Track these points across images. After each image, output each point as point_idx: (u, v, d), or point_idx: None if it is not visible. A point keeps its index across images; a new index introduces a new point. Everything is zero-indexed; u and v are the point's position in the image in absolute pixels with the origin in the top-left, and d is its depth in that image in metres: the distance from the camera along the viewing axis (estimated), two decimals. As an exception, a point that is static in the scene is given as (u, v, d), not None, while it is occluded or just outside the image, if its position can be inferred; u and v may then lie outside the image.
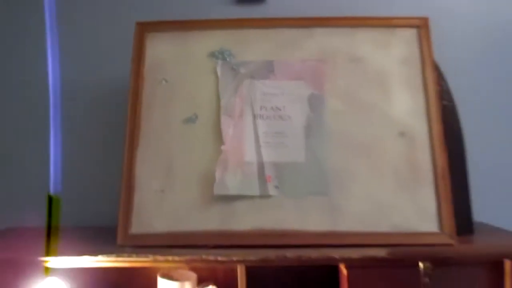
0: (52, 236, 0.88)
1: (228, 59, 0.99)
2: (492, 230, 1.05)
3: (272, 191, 0.91)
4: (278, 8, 1.17)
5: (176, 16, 1.07)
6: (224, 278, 1.04)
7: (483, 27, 1.16)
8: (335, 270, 0.95)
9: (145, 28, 1.02)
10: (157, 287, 1.01)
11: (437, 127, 0.94)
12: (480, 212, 1.08)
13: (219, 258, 0.87)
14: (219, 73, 0.98)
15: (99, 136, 1.17)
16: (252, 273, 0.94)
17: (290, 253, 0.86)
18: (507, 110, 1.18)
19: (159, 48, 1.01)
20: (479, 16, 1.16)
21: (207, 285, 0.99)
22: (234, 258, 0.88)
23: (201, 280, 1.01)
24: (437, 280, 0.90)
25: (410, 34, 0.99)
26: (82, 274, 0.98)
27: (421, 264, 0.89)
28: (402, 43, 0.99)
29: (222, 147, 0.93)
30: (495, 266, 0.92)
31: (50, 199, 0.90)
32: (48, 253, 0.88)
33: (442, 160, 0.92)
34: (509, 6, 1.16)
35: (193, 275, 1.05)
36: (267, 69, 0.98)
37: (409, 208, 0.90)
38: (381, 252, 0.86)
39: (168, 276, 1.03)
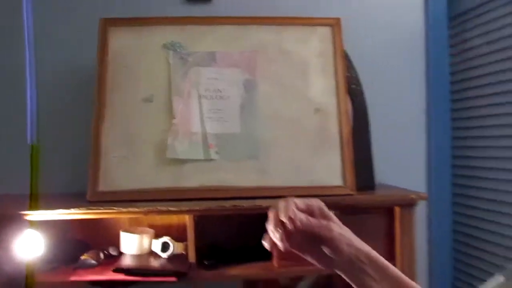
0: (33, 191, 1.06)
1: (178, 50, 1.20)
2: (389, 187, 1.32)
3: (214, 155, 1.14)
4: (221, 8, 1.37)
5: (135, 14, 1.27)
6: (177, 232, 1.25)
7: (386, 26, 1.43)
8: (267, 218, 1.18)
9: (108, 23, 1.21)
10: (120, 241, 1.21)
11: (344, 105, 1.19)
12: (384, 174, 1.36)
13: (171, 209, 1.09)
14: (171, 62, 1.19)
15: (70, 113, 1.34)
16: (200, 225, 1.16)
17: (228, 204, 1.09)
18: (405, 92, 1.45)
19: (120, 40, 1.20)
20: (383, 17, 1.43)
21: (162, 237, 1.20)
22: (183, 209, 1.10)
23: (157, 235, 1.22)
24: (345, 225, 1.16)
25: (325, 32, 1.24)
26: (55, 228, 1.17)
27: (333, 212, 1.14)
28: (319, 39, 1.24)
29: (174, 121, 1.14)
30: (389, 212, 1.19)
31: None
32: (30, 207, 1.06)
33: (346, 131, 1.17)
34: (407, 8, 1.45)
35: (151, 230, 1.26)
36: (210, 59, 1.21)
37: (320, 168, 1.15)
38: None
39: (130, 231, 1.23)
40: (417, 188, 1.30)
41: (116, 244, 1.21)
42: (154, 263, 1.14)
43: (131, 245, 1.18)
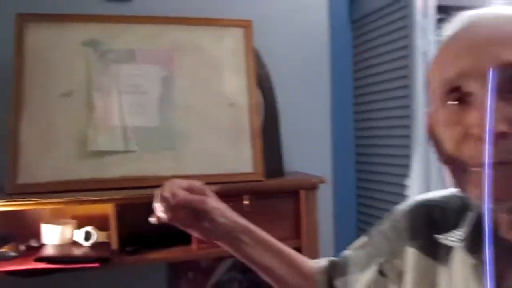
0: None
1: (98, 48, 1.25)
2: (297, 173, 1.46)
3: (133, 147, 1.21)
4: (140, 7, 1.42)
5: (54, 10, 1.29)
6: (99, 222, 1.30)
7: (294, 27, 1.56)
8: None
9: (25, 19, 1.23)
10: (42, 233, 1.24)
11: (255, 100, 1.31)
12: (294, 162, 1.50)
13: (92, 198, 1.15)
14: (91, 58, 1.24)
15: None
16: (122, 213, 1.23)
17: (148, 192, 1.16)
18: (312, 87, 1.60)
19: (38, 36, 1.23)
20: (292, 20, 1.57)
21: (85, 227, 1.25)
22: (105, 198, 1.16)
23: (80, 226, 1.27)
24: (256, 209, 1.28)
25: (238, 32, 1.35)
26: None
27: (244, 198, 1.26)
28: (232, 39, 1.34)
29: (94, 115, 1.20)
30: (295, 195, 1.33)
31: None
32: None
33: (257, 124, 1.30)
34: (312, 10, 1.59)
35: (73, 221, 1.30)
36: (130, 56, 1.27)
37: (233, 157, 1.27)
38: (213, 188, 1.21)
39: (51, 223, 1.27)
40: (324, 173, 1.45)
41: (38, 237, 1.24)
42: (77, 251, 1.19)
43: (53, 235, 1.22)
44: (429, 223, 0.67)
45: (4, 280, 1.11)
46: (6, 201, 1.08)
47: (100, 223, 1.27)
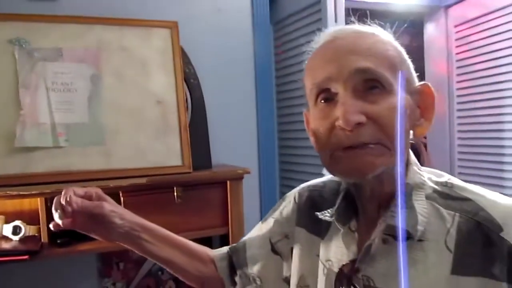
0: None
1: (24, 46, 1.28)
2: (224, 166, 1.56)
3: (63, 143, 1.25)
4: (66, 6, 1.44)
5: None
6: (29, 217, 1.32)
7: (219, 28, 1.66)
8: (117, 199, 1.33)
9: None
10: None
11: (182, 97, 1.39)
12: (222, 155, 1.60)
13: (21, 193, 1.17)
14: (17, 56, 1.26)
15: None
16: (51, 208, 1.25)
17: (77, 186, 1.21)
18: (238, 84, 1.69)
19: (-39, 34, 1.23)
20: (216, 22, 1.66)
21: (14, 221, 1.27)
22: (34, 192, 1.19)
23: (8, 222, 1.28)
24: (186, 200, 1.36)
25: (165, 32, 1.42)
26: None
27: (175, 188, 1.33)
28: (159, 38, 1.41)
29: (21, 112, 1.22)
30: (222, 185, 1.42)
31: None
32: None
33: (184, 119, 1.38)
34: (236, 12, 1.69)
35: (1, 216, 1.31)
36: (57, 54, 1.30)
37: (162, 151, 1.34)
38: (142, 180, 1.28)
39: (-21, 219, 1.27)
40: (251, 165, 1.56)
41: (-35, 233, 1.24)
42: (6, 245, 1.21)
43: (-19, 230, 1.23)
44: (311, 205, 0.81)
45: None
46: None
47: (30, 218, 1.30)
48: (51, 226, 0.80)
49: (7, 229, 1.24)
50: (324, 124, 0.64)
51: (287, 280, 0.84)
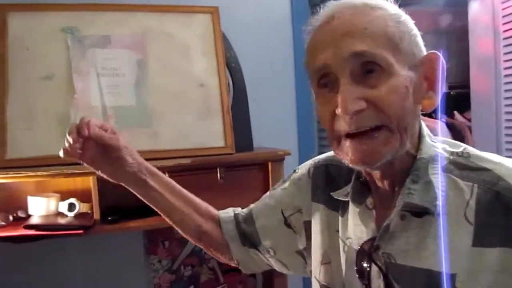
0: None
1: (75, 34, 1.35)
2: (264, 148, 1.59)
3: (113, 125, 1.30)
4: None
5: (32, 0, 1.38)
6: (82, 195, 1.40)
7: (258, 12, 1.68)
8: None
9: (6, 8, 1.32)
10: (28, 205, 1.34)
11: (224, 81, 1.43)
12: (261, 138, 1.63)
13: (76, 171, 1.25)
14: (69, 44, 1.34)
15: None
16: (103, 186, 1.33)
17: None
18: (277, 67, 1.72)
19: (19, 24, 1.32)
20: (256, 5, 1.68)
21: (68, 199, 1.35)
22: (86, 171, 1.26)
23: (63, 199, 1.37)
24: (228, 180, 1.40)
25: (206, 18, 1.46)
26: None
27: (218, 169, 1.37)
28: (201, 24, 1.45)
29: (75, 96, 1.30)
30: (263, 167, 1.46)
31: None
32: None
33: (226, 102, 1.42)
34: (271, 1, 1.71)
35: (57, 194, 1.40)
36: (105, 41, 1.37)
37: (205, 132, 1.39)
38: (187, 161, 1.33)
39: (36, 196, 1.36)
40: (291, 147, 1.58)
41: (24, 208, 1.34)
42: (62, 220, 1.29)
43: (39, 207, 1.32)
44: (329, 180, 0.80)
45: (-3, 246, 1.21)
46: (-4, 174, 1.18)
47: (82, 196, 1.38)
48: (60, 153, 0.79)
49: (63, 206, 1.32)
50: (326, 111, 0.64)
51: (300, 253, 0.85)
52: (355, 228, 0.71)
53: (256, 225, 0.89)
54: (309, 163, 0.87)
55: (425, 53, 0.65)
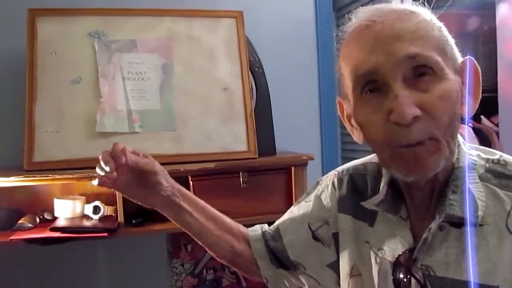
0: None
1: (102, 38, 1.37)
2: (287, 153, 1.58)
3: (137, 129, 1.33)
4: (138, -1, 1.55)
5: (62, 4, 1.39)
6: (106, 198, 1.41)
7: (282, 17, 1.68)
8: (186, 182, 1.39)
9: (35, 13, 1.34)
10: (54, 207, 1.35)
11: (247, 85, 1.43)
12: (284, 142, 1.62)
13: (101, 174, 1.26)
14: (96, 48, 1.36)
15: (0, 94, 1.44)
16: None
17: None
18: (300, 72, 1.71)
19: (48, 29, 1.34)
20: (280, 10, 1.68)
21: (94, 202, 1.36)
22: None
23: (88, 202, 1.38)
24: (251, 185, 1.39)
25: (230, 22, 1.47)
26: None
27: (241, 173, 1.37)
28: (225, 28, 1.46)
29: (101, 99, 1.32)
30: (287, 171, 1.45)
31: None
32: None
33: (250, 106, 1.41)
34: (297, 3, 1.71)
35: (82, 197, 1.42)
36: (131, 45, 1.38)
37: (228, 136, 1.38)
38: (211, 165, 1.33)
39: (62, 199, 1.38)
40: (314, 151, 1.58)
41: (50, 210, 1.35)
42: (87, 223, 1.30)
43: (65, 209, 1.33)
44: (355, 190, 0.78)
45: (23, 247, 1.23)
46: (24, 177, 1.20)
47: (107, 199, 1.39)
48: (94, 182, 0.77)
49: (88, 209, 1.34)
50: (376, 118, 0.60)
51: (331, 266, 0.82)
52: (389, 239, 0.69)
53: (284, 241, 0.86)
54: (332, 174, 0.85)
55: (461, 58, 0.64)
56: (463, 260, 0.60)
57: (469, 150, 0.67)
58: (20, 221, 1.27)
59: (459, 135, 0.66)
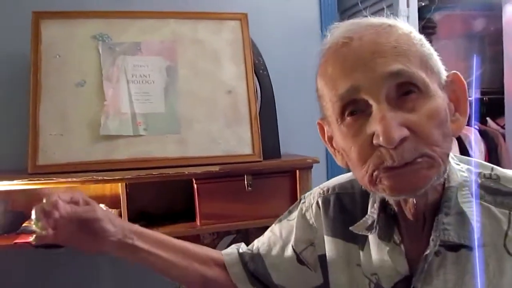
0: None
1: (106, 41, 1.36)
2: (292, 155, 1.57)
3: (142, 131, 1.32)
4: (143, 1, 1.52)
5: (66, 7, 1.40)
6: (110, 201, 1.42)
7: (287, 19, 1.68)
8: (190, 185, 1.39)
9: (40, 16, 1.34)
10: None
11: (252, 87, 1.42)
12: (288, 145, 1.61)
13: (105, 178, 1.26)
14: (100, 51, 1.35)
15: (5, 97, 1.45)
16: (131, 193, 1.34)
17: (155, 172, 1.28)
18: (305, 75, 1.70)
19: (52, 32, 1.34)
20: (285, 12, 1.68)
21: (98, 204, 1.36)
22: (116, 177, 1.28)
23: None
24: (255, 188, 1.39)
25: (235, 24, 1.46)
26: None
27: (245, 176, 1.36)
28: (230, 30, 1.45)
29: (105, 103, 1.31)
30: (292, 174, 1.44)
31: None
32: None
33: (254, 109, 1.41)
34: (303, 2, 1.70)
35: (86, 200, 1.41)
36: (136, 48, 1.38)
37: (233, 139, 1.38)
38: (215, 168, 1.33)
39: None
40: (319, 155, 1.56)
41: (56, 214, 1.35)
42: (92, 226, 1.30)
43: (70, 212, 1.33)
44: (343, 211, 0.73)
45: (28, 250, 1.23)
46: (29, 180, 1.20)
47: (111, 202, 1.40)
48: (32, 239, 0.70)
49: (93, 212, 1.33)
50: (358, 142, 0.57)
51: None
52: (382, 264, 0.66)
53: (265, 264, 0.82)
54: (316, 192, 0.80)
55: (445, 72, 0.60)
56: (462, 286, 0.58)
57: (459, 165, 0.64)
58: (24, 224, 1.27)
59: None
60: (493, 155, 1.81)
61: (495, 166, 0.63)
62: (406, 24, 0.60)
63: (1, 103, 1.43)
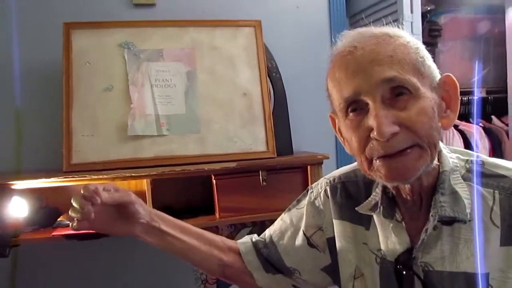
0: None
1: (131, 48, 1.48)
2: (303, 152, 1.67)
3: (165, 132, 1.43)
4: (163, 10, 1.64)
5: (94, 18, 1.52)
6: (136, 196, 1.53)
7: (299, 25, 1.77)
8: (209, 181, 1.50)
9: (70, 27, 1.46)
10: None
11: (266, 89, 1.52)
12: (300, 143, 1.71)
13: (133, 174, 1.37)
14: (126, 58, 1.47)
15: (40, 102, 1.56)
16: (155, 190, 1.44)
17: (178, 168, 1.39)
18: (315, 77, 1.79)
19: (82, 41, 1.46)
20: (296, 18, 1.77)
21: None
22: (143, 174, 1.38)
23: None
24: (270, 183, 1.49)
25: (249, 31, 1.56)
26: (33, 197, 1.42)
27: (260, 172, 1.46)
28: (244, 37, 1.55)
29: (131, 105, 1.43)
30: (303, 170, 1.53)
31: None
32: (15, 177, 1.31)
33: (268, 109, 1.51)
34: (314, 9, 1.79)
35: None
36: (158, 55, 1.49)
37: (248, 138, 1.48)
38: (232, 165, 1.43)
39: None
40: (329, 151, 1.65)
41: (87, 208, 1.47)
42: (120, 219, 1.41)
43: (100, 207, 1.45)
44: (349, 197, 0.84)
45: (62, 242, 1.34)
46: (64, 178, 1.31)
47: (137, 196, 1.49)
48: (73, 226, 0.76)
49: (121, 206, 1.44)
50: (357, 134, 0.68)
51: (325, 270, 0.88)
52: (387, 241, 0.76)
53: (278, 249, 0.91)
54: (323, 182, 0.90)
55: (439, 76, 0.71)
56: (456, 254, 0.68)
57: (450, 154, 0.74)
58: (59, 219, 1.39)
59: (440, 142, 0.73)
60: (497, 151, 1.89)
61: (480, 154, 0.74)
62: (406, 33, 0.70)
63: (36, 108, 1.55)
